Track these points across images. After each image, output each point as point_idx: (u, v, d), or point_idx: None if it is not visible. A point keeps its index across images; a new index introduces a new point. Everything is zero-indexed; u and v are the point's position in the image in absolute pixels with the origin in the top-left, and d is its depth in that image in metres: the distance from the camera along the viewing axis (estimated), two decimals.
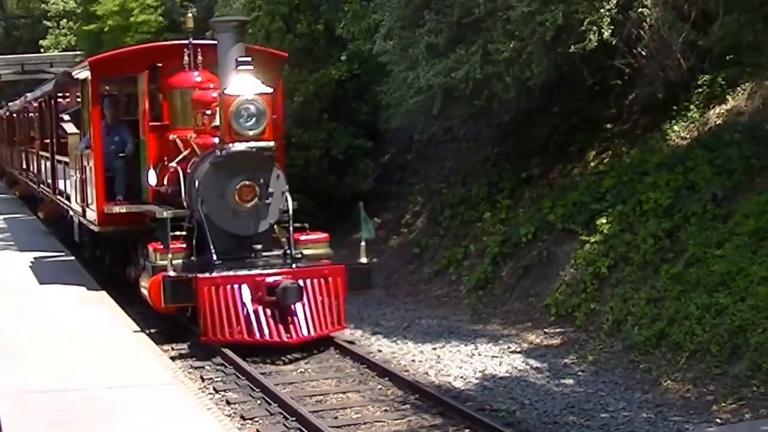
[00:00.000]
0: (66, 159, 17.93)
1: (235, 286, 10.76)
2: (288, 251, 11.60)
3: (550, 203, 12.97)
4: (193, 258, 11.45)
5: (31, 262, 16.59)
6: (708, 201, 10.58)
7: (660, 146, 11.96)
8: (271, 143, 11.49)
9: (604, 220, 11.63)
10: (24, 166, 27.16)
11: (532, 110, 14.15)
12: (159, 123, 13.78)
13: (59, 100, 21.01)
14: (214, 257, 11.28)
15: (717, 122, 11.67)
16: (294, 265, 11.33)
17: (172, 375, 9.29)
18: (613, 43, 11.63)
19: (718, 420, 8.31)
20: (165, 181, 13.31)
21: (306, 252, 11.77)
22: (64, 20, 39.72)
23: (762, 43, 11.11)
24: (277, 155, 12.13)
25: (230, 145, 11.31)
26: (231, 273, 10.88)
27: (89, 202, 14.70)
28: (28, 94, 24.86)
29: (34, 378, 9.04)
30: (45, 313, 12.26)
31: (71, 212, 16.90)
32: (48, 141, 21.23)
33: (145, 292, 11.61)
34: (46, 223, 21.88)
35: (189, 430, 7.66)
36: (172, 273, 10.76)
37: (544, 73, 12.18)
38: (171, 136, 13.10)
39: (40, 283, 14.41)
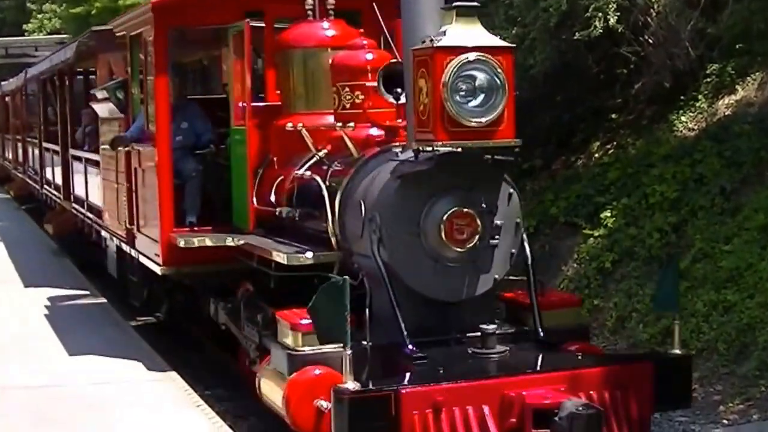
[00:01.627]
0: (92, 156, 12.88)
1: (469, 409, 5.68)
2: (533, 328, 6.64)
3: (552, 195, 12.50)
4: (365, 343, 6.35)
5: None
6: (716, 194, 10.14)
7: (667, 137, 11.48)
8: (514, 141, 6.42)
9: (608, 214, 11.19)
10: (21, 160, 22.08)
11: (534, 99, 13.18)
12: (262, 103, 8.81)
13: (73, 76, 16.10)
14: (409, 345, 6.24)
15: (726, 113, 11.12)
16: (543, 354, 6.33)
17: (160, 369, 8.87)
18: (619, 30, 11.37)
19: (725, 421, 7.99)
20: (272, 196, 8.30)
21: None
22: (47, 4, 38.78)
23: None
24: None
25: (438, 143, 6.20)
26: (461, 382, 5.77)
27: (142, 224, 9.63)
28: (29, 70, 19.72)
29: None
30: None
31: (103, 233, 11.83)
32: (57, 129, 16.25)
33: (276, 401, 6.50)
34: (56, 238, 16.73)
35: (177, 426, 7.41)
36: (351, 384, 5.65)
37: (548, 61, 11.93)
38: (288, 125, 8.01)
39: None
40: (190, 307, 9.87)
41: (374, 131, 7.48)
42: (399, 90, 7.11)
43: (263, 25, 9.01)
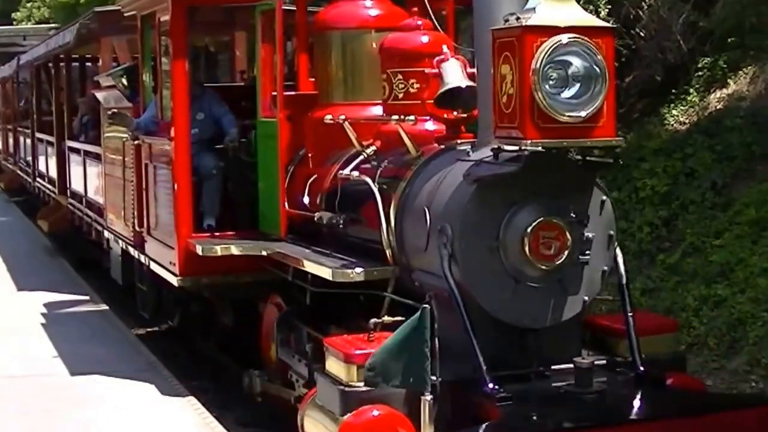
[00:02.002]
0: (92, 148, 11.86)
1: None
2: (624, 358, 5.66)
3: None
4: (434, 378, 5.30)
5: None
6: (707, 189, 10.14)
7: (658, 131, 11.36)
8: (616, 140, 5.40)
9: None
10: (11, 150, 21.01)
11: None
12: (293, 92, 7.79)
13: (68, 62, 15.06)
14: (490, 383, 5.21)
15: (717, 107, 11.07)
16: (647, 392, 5.32)
17: (146, 361, 8.86)
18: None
19: None
20: (305, 198, 7.30)
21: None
22: None
23: (765, 25, 10.84)
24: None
25: (526, 141, 5.17)
26: None
27: (153, 227, 8.59)
28: (23, 56, 18.65)
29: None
30: None
31: (105, 233, 10.77)
32: (51, 118, 15.22)
33: None
34: (50, 236, 15.63)
35: (164, 418, 7.32)
36: None
37: None
38: (327, 117, 6.99)
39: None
40: (205, 318, 8.88)
41: (432, 125, 6.46)
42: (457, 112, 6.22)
43: (293, 8, 8.02)
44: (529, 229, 5.39)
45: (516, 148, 5.24)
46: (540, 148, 5.19)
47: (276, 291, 7.44)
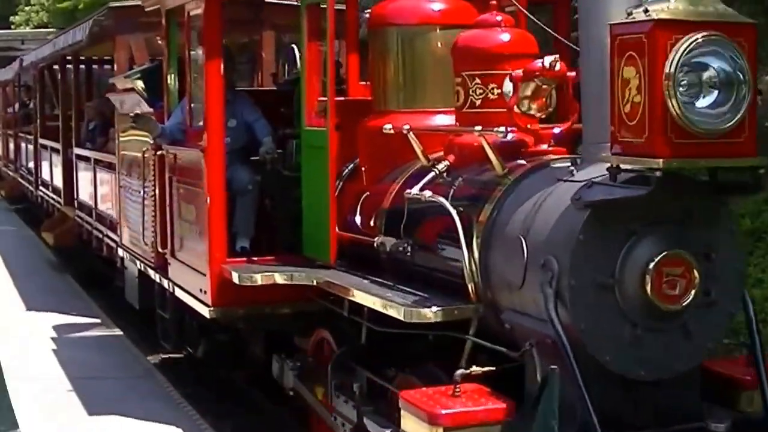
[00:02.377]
0: (103, 156, 10.96)
1: None
2: (749, 413, 4.91)
3: None
4: None
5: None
6: None
7: None
8: (759, 160, 4.49)
9: None
10: (12, 157, 20.10)
11: None
12: (342, 98, 6.90)
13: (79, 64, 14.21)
14: None
15: None
16: None
17: (144, 368, 8.96)
18: None
19: None
20: (357, 218, 6.41)
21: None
22: None
23: (762, 35, 9.79)
24: None
25: (658, 161, 4.25)
26: None
27: (178, 248, 7.66)
28: (25, 58, 17.73)
29: None
30: None
31: (120, 251, 9.85)
32: (57, 124, 14.33)
33: None
34: (55, 250, 14.70)
35: (161, 426, 7.27)
36: None
37: None
38: (386, 126, 6.08)
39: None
40: (234, 349, 7.97)
41: (516, 137, 5.54)
42: None
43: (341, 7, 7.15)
44: (651, 265, 4.48)
45: (642, 167, 4.34)
46: (670, 168, 4.29)
47: (322, 325, 6.53)
